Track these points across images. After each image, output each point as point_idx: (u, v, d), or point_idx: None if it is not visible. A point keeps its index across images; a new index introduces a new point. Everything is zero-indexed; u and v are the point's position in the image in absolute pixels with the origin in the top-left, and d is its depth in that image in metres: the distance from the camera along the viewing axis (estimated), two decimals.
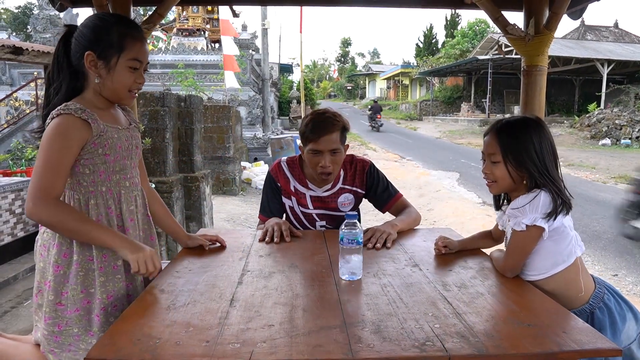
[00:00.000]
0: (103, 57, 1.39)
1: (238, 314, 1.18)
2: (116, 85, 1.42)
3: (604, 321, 1.45)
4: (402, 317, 1.15)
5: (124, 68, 1.41)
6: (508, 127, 1.51)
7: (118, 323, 1.14)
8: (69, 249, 1.41)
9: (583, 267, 1.50)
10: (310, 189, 2.15)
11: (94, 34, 1.40)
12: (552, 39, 2.64)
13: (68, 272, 1.40)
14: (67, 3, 2.89)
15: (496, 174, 1.51)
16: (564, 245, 1.46)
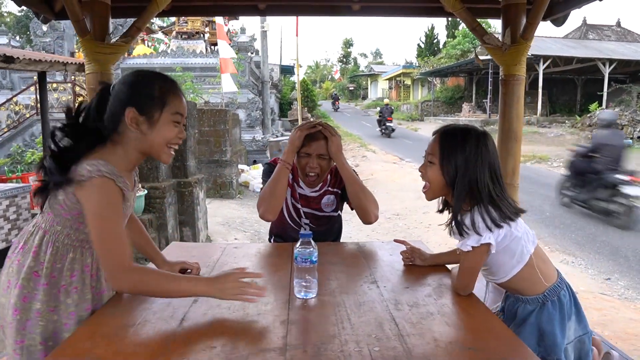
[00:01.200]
0: (145, 112, 1.38)
1: (184, 334, 1.19)
2: (159, 140, 1.41)
3: (554, 315, 1.50)
4: (344, 339, 1.16)
5: (167, 122, 1.41)
6: (452, 132, 1.53)
7: (64, 344, 1.16)
8: (30, 293, 1.36)
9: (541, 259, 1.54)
10: (300, 187, 2.31)
11: (134, 90, 1.40)
12: (528, 48, 2.64)
13: (25, 319, 1.35)
14: (50, 16, 2.92)
15: (429, 175, 1.53)
16: (515, 250, 1.49)
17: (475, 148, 1.46)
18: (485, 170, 1.45)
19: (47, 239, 1.39)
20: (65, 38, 15.60)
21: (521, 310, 1.56)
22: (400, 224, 7.83)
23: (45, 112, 5.87)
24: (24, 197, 5.57)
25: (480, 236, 1.42)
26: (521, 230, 1.49)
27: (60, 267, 1.39)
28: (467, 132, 1.50)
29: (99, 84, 1.47)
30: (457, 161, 1.46)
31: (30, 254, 1.38)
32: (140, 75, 1.45)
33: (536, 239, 1.55)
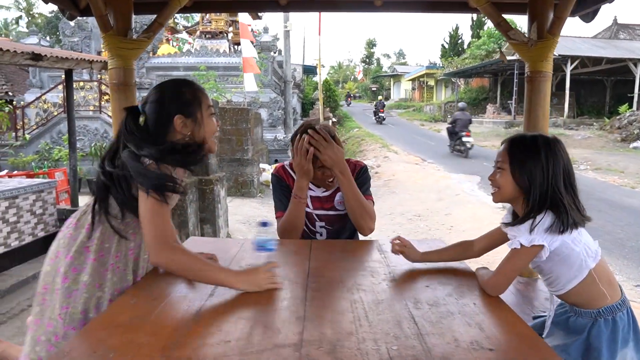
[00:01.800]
0: (190, 115, 1.53)
1: (199, 328, 1.18)
2: (208, 134, 1.57)
3: (604, 333, 1.47)
4: (361, 336, 1.13)
5: (208, 117, 1.58)
6: (522, 140, 1.55)
7: (82, 333, 1.16)
8: (79, 265, 1.46)
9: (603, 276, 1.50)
10: (310, 189, 2.21)
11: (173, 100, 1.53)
12: (556, 44, 2.56)
13: (73, 288, 1.44)
14: (75, 13, 2.97)
15: (499, 182, 1.54)
16: (569, 263, 1.47)
17: (548, 153, 1.46)
18: (559, 177, 1.45)
19: (99, 219, 1.50)
20: (93, 37, 15.92)
21: (572, 321, 1.54)
22: (422, 225, 7.73)
23: (71, 110, 5.98)
24: (49, 192, 5.69)
25: (535, 236, 1.40)
26: (581, 243, 1.47)
27: (108, 247, 1.50)
28: (536, 138, 1.52)
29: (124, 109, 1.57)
30: (530, 169, 1.47)
31: (84, 230, 1.50)
32: (168, 86, 1.58)
33: (599, 255, 1.51)
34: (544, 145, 1.48)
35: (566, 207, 1.42)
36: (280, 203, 2.24)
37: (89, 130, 11.75)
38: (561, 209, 1.42)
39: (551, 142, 1.50)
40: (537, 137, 1.53)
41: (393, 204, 9.35)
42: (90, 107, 12.94)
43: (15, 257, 5.09)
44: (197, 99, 1.56)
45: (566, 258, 1.45)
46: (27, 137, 11.66)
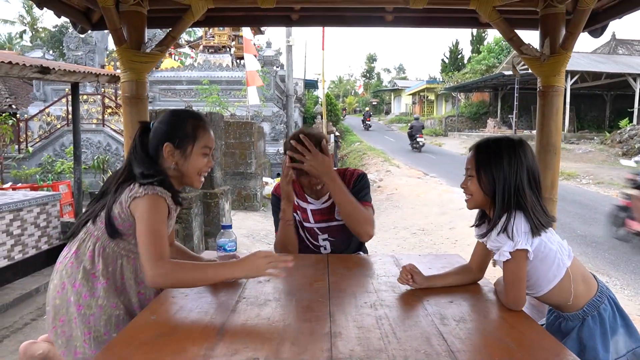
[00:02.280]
0: (179, 146, 1.59)
1: (225, 345, 1.16)
2: (190, 170, 1.62)
3: (595, 330, 1.48)
4: (392, 353, 1.11)
5: (198, 154, 1.62)
6: (486, 145, 1.56)
7: (104, 351, 1.14)
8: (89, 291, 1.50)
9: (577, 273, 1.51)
10: (309, 202, 2.19)
11: (170, 127, 1.61)
12: (568, 59, 2.57)
13: (89, 314, 1.48)
14: (87, 27, 2.98)
15: (471, 189, 1.55)
16: (550, 261, 1.47)
17: (510, 156, 1.47)
18: (524, 177, 1.46)
19: (99, 245, 1.54)
20: (97, 52, 16.05)
21: (564, 326, 1.55)
22: (426, 239, 7.70)
23: (77, 122, 5.99)
24: (54, 205, 5.68)
25: (516, 240, 1.40)
26: (555, 242, 1.49)
27: (112, 271, 1.54)
28: (499, 142, 1.53)
29: (139, 123, 1.67)
30: (493, 172, 1.48)
31: (86, 258, 1.53)
32: (176, 113, 1.67)
33: (572, 252, 1.54)
34: (507, 148, 1.49)
35: (529, 208, 1.43)
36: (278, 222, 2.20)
37: (91, 143, 11.77)
38: (526, 209, 1.43)
39: (515, 144, 1.51)
40: (500, 140, 1.54)
41: (396, 218, 9.32)
42: (94, 120, 12.98)
43: (18, 270, 5.06)
44: (195, 134, 1.61)
45: (545, 258, 1.46)
46: (30, 150, 11.67)
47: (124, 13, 2.52)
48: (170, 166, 1.59)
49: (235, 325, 1.28)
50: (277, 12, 2.91)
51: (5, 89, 18.02)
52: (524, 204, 1.43)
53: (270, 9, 2.56)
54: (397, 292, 1.55)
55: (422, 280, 1.64)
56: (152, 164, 1.57)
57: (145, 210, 1.46)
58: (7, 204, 4.92)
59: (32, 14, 34.82)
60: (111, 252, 1.55)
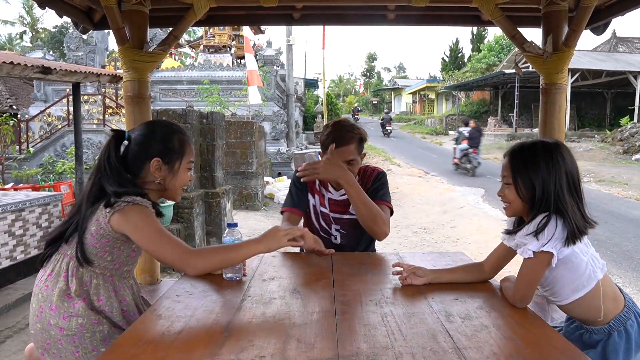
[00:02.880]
0: (167, 162, 1.58)
1: (231, 343, 1.16)
2: (177, 185, 1.63)
3: (620, 345, 1.45)
4: (398, 350, 1.11)
5: (184, 170, 1.63)
6: (520, 150, 1.52)
7: (110, 351, 1.14)
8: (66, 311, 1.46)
9: (609, 289, 1.47)
10: (329, 191, 2.24)
11: (157, 142, 1.58)
12: (571, 56, 2.56)
13: (72, 334, 1.46)
14: (89, 26, 2.98)
15: (508, 197, 1.51)
16: (579, 271, 1.43)
17: (547, 161, 1.43)
18: (563, 182, 1.42)
19: (72, 265, 1.50)
20: (97, 52, 16.04)
21: (587, 338, 1.51)
22: (428, 238, 7.70)
23: (78, 123, 6.00)
24: (56, 205, 5.67)
25: (544, 243, 1.37)
26: (588, 254, 1.45)
27: (87, 290, 1.51)
28: (534, 146, 1.49)
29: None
30: (531, 178, 1.44)
31: (61, 278, 1.49)
32: (161, 126, 1.64)
33: (605, 267, 1.49)
34: (543, 153, 1.45)
35: (569, 214, 1.39)
36: (290, 199, 2.28)
37: (92, 144, 11.76)
38: (565, 215, 1.39)
39: (551, 147, 1.47)
40: (535, 144, 1.50)
41: (398, 217, 9.32)
42: (95, 120, 12.97)
43: (20, 271, 5.06)
44: (182, 150, 1.61)
45: (575, 267, 1.42)
46: (30, 151, 11.67)
47: (126, 12, 2.52)
48: (154, 180, 1.57)
49: (241, 323, 1.28)
50: (279, 10, 2.92)
51: (6, 90, 18.02)
52: (564, 210, 1.39)
53: (272, 7, 2.57)
54: (401, 290, 1.55)
55: (427, 273, 1.61)
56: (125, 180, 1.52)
57: (138, 221, 1.44)
58: (9, 204, 4.92)
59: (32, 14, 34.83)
60: (85, 271, 1.51)
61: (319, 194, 2.26)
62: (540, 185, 1.42)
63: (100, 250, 1.49)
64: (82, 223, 1.48)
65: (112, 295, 1.54)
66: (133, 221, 1.44)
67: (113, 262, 1.54)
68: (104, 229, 1.45)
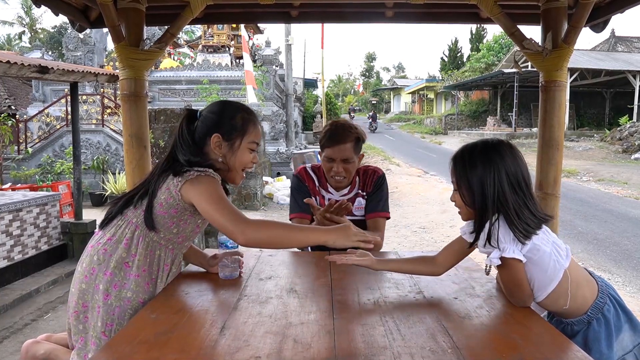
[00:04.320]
0: (228, 139, 1.55)
1: (226, 343, 1.14)
2: (237, 164, 1.59)
3: (600, 332, 1.44)
4: (396, 350, 1.09)
5: (245, 149, 1.59)
6: (462, 153, 1.47)
7: (104, 350, 1.12)
8: (120, 282, 1.46)
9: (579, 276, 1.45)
10: (329, 192, 2.28)
11: (221, 119, 1.57)
12: (571, 54, 2.55)
13: (115, 305, 1.44)
14: (86, 25, 2.96)
15: (458, 202, 1.47)
16: (545, 264, 1.39)
17: (484, 162, 1.38)
18: (503, 181, 1.36)
19: (139, 234, 1.49)
20: (96, 52, 16.01)
21: (568, 329, 1.49)
22: (427, 237, 7.69)
23: (76, 122, 5.96)
24: (54, 205, 5.66)
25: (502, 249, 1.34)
26: (549, 243, 1.40)
27: (150, 262, 1.50)
28: (474, 148, 1.44)
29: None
30: (469, 181, 1.40)
31: (122, 245, 1.48)
32: (227, 105, 1.63)
33: (570, 253, 1.45)
34: (481, 154, 1.41)
35: (514, 214, 1.34)
36: (295, 205, 2.30)
37: (91, 144, 11.73)
38: (509, 215, 1.34)
39: (489, 147, 1.42)
40: (475, 146, 1.45)
41: (397, 217, 9.30)
42: (93, 120, 12.95)
43: (18, 271, 5.04)
44: (245, 127, 1.58)
45: (539, 261, 1.38)
46: (29, 151, 11.63)
47: (122, 10, 2.50)
48: (217, 158, 1.55)
49: (236, 323, 1.26)
50: (276, 8, 2.89)
51: (5, 90, 18.00)
52: (506, 210, 1.34)
53: (270, 5, 2.54)
54: (400, 289, 1.53)
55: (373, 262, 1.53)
56: (198, 152, 1.53)
57: (203, 189, 1.43)
58: (7, 204, 4.90)
59: (30, 15, 34.81)
60: (150, 241, 1.51)
61: (318, 194, 2.28)
62: (479, 187, 1.37)
63: (168, 221, 1.49)
64: (153, 189, 1.48)
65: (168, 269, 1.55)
66: (197, 190, 1.42)
67: (178, 234, 1.54)
68: (175, 197, 1.45)
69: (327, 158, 2.15)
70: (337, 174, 2.14)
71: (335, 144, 2.11)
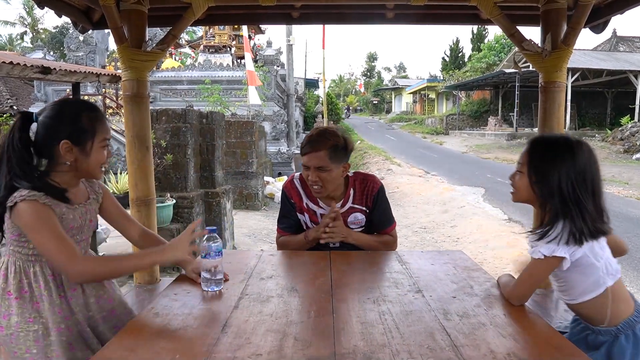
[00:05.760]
0: (78, 143, 1.48)
1: (228, 340, 1.16)
2: (92, 165, 1.52)
3: (627, 348, 1.42)
4: (395, 348, 1.11)
5: (98, 149, 1.52)
6: (542, 142, 1.50)
7: (108, 346, 1.14)
8: (6, 310, 1.43)
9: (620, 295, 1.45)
10: (320, 207, 2.18)
11: (64, 124, 1.47)
12: (570, 55, 2.56)
13: (9, 333, 1.42)
14: (88, 26, 2.98)
15: (517, 184, 1.51)
16: (590, 276, 1.42)
17: (564, 158, 1.41)
18: (575, 180, 1.39)
19: (10, 261, 1.48)
20: (97, 52, 16.05)
21: (592, 338, 1.49)
22: (428, 237, 7.70)
23: None
24: None
25: (556, 247, 1.36)
26: (602, 260, 1.42)
27: (28, 282, 1.46)
28: (556, 142, 1.46)
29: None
30: (546, 174, 1.42)
31: (0, 277, 1.47)
32: (68, 106, 1.54)
33: (619, 273, 1.46)
34: (562, 149, 1.42)
35: (579, 214, 1.36)
36: (283, 219, 2.25)
37: None
38: (579, 216, 1.36)
39: (573, 145, 1.43)
40: (557, 139, 1.47)
41: (398, 217, 9.29)
42: None
43: None
44: (93, 128, 1.50)
45: (585, 270, 1.41)
46: None
47: (125, 12, 2.52)
48: (66, 162, 1.48)
49: (238, 321, 1.28)
50: (277, 10, 2.91)
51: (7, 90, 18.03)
52: (574, 209, 1.37)
53: (271, 6, 2.56)
54: (399, 288, 1.55)
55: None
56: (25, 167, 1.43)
57: (26, 220, 1.38)
58: None
59: (32, 15, 34.87)
60: (22, 263, 1.46)
61: (308, 212, 2.20)
62: (555, 181, 1.40)
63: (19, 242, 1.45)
64: None
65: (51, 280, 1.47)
66: (22, 221, 1.38)
67: None
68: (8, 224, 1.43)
69: (303, 165, 2.08)
70: (313, 182, 2.05)
71: (309, 151, 2.03)
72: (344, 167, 2.09)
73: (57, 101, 1.58)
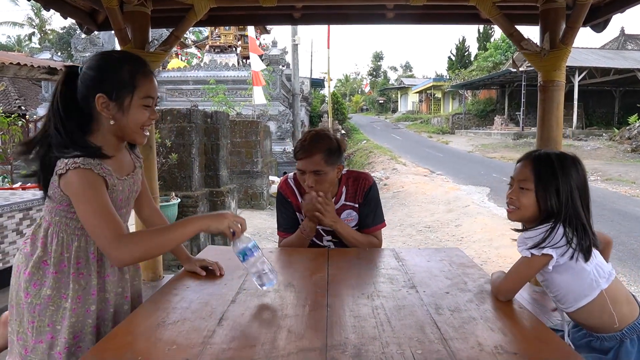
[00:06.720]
0: (115, 98, 1.35)
1: (223, 333, 1.19)
2: (131, 125, 1.39)
3: (632, 353, 1.42)
4: (385, 341, 1.14)
5: (138, 107, 1.39)
6: (546, 158, 1.50)
7: (105, 340, 1.17)
8: (39, 280, 1.39)
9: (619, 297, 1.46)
10: None
11: (102, 75, 1.36)
12: (568, 54, 2.58)
13: (35, 303, 1.38)
14: (93, 27, 3.03)
15: (522, 201, 1.49)
16: (581, 280, 1.43)
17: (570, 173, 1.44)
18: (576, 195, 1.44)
19: (52, 230, 1.41)
20: None
21: (597, 344, 1.49)
22: (432, 236, 7.71)
23: None
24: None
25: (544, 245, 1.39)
26: (591, 264, 1.43)
27: (68, 256, 1.40)
28: (563, 157, 1.48)
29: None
30: (555, 189, 1.44)
31: (39, 244, 1.40)
32: (108, 57, 1.42)
33: (613, 275, 1.47)
34: (568, 165, 1.45)
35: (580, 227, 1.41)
36: (282, 220, 2.25)
37: None
38: (578, 227, 1.40)
39: (575, 161, 1.48)
40: (564, 155, 1.49)
41: (403, 216, 9.33)
42: None
43: None
44: (133, 82, 1.36)
45: (576, 274, 1.42)
46: None
47: (128, 13, 2.56)
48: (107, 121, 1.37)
49: (234, 315, 1.32)
50: (278, 10, 2.95)
51: (15, 91, 18.22)
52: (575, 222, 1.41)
53: (272, 7, 2.60)
54: (394, 284, 1.58)
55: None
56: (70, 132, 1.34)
57: (76, 189, 1.30)
58: (17, 203, 4.99)
59: (40, 16, 35.15)
60: (65, 235, 1.40)
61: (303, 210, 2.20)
62: (563, 196, 1.42)
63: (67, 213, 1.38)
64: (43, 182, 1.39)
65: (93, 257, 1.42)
66: (72, 190, 1.30)
67: None
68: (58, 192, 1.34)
69: (299, 170, 2.08)
70: (309, 188, 2.04)
71: (304, 156, 2.02)
72: (338, 169, 2.10)
73: (100, 52, 1.45)
